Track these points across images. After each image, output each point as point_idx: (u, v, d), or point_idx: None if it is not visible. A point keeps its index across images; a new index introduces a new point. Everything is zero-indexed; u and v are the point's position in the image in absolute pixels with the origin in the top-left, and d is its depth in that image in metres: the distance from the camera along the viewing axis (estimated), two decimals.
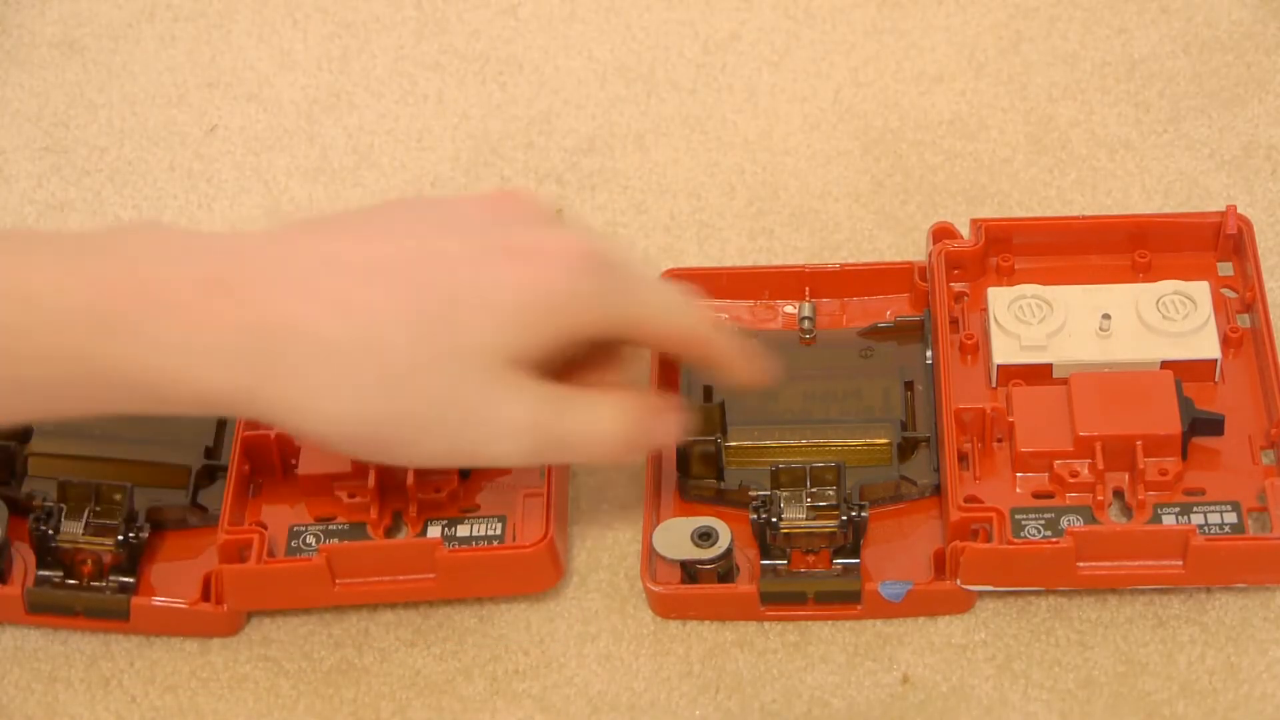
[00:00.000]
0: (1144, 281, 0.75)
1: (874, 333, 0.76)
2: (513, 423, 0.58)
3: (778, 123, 0.86)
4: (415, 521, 0.72)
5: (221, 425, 0.75)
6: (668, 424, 0.63)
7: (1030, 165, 0.84)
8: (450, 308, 0.57)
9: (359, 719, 0.69)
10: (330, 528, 0.72)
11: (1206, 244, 0.76)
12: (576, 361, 0.61)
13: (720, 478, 0.72)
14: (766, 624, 0.70)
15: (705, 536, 0.69)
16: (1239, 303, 0.75)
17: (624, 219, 0.83)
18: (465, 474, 0.73)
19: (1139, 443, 0.69)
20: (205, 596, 0.70)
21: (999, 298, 0.74)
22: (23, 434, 0.73)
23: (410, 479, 0.71)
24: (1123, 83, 0.86)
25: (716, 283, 0.78)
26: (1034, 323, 0.73)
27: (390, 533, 0.72)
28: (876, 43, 0.89)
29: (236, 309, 0.56)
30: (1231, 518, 0.69)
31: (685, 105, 0.87)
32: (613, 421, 0.61)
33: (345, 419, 0.57)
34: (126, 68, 0.91)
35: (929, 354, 0.74)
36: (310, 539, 0.72)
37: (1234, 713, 0.67)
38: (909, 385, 0.74)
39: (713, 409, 0.72)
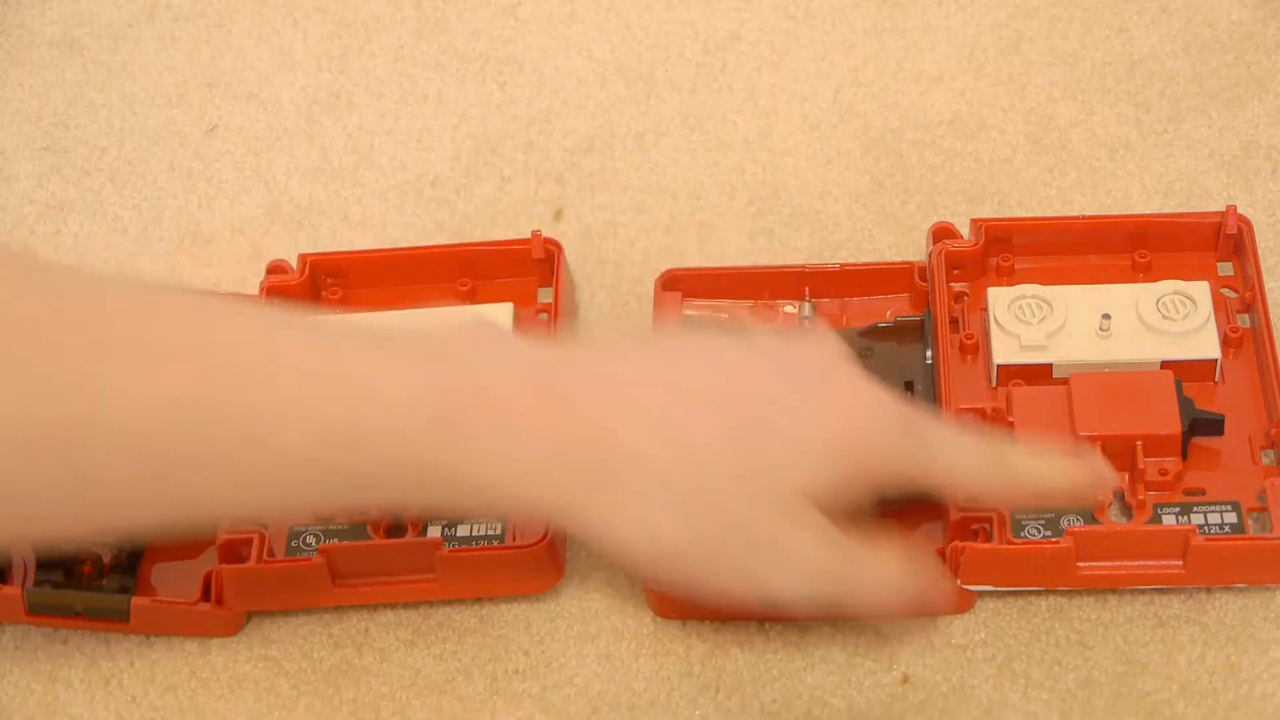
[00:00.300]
0: (1144, 281, 0.75)
1: (874, 333, 0.76)
2: (808, 560, 0.58)
3: (778, 123, 0.86)
4: (415, 521, 0.72)
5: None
6: (945, 593, 0.63)
7: (1030, 165, 0.84)
8: (765, 439, 0.57)
9: (359, 719, 0.69)
10: (330, 528, 0.72)
11: (1206, 244, 0.76)
12: (850, 516, 0.61)
13: None
14: (767, 624, 0.70)
15: None
16: (1239, 302, 0.75)
17: (624, 219, 0.83)
18: None
19: (1139, 443, 0.69)
20: (205, 596, 0.70)
21: (999, 298, 0.74)
22: None
23: None
24: (1123, 83, 0.86)
25: (716, 283, 0.78)
26: (1034, 323, 0.73)
27: (390, 533, 0.72)
28: (876, 43, 0.89)
29: (567, 423, 0.57)
30: (1231, 518, 0.69)
31: (685, 105, 0.87)
32: (902, 578, 0.61)
33: (650, 538, 0.57)
34: (126, 68, 0.91)
35: (929, 354, 0.74)
36: (310, 539, 0.72)
37: (1234, 713, 0.67)
38: (909, 385, 0.74)
39: None
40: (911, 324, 0.75)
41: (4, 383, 0.51)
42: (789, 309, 0.78)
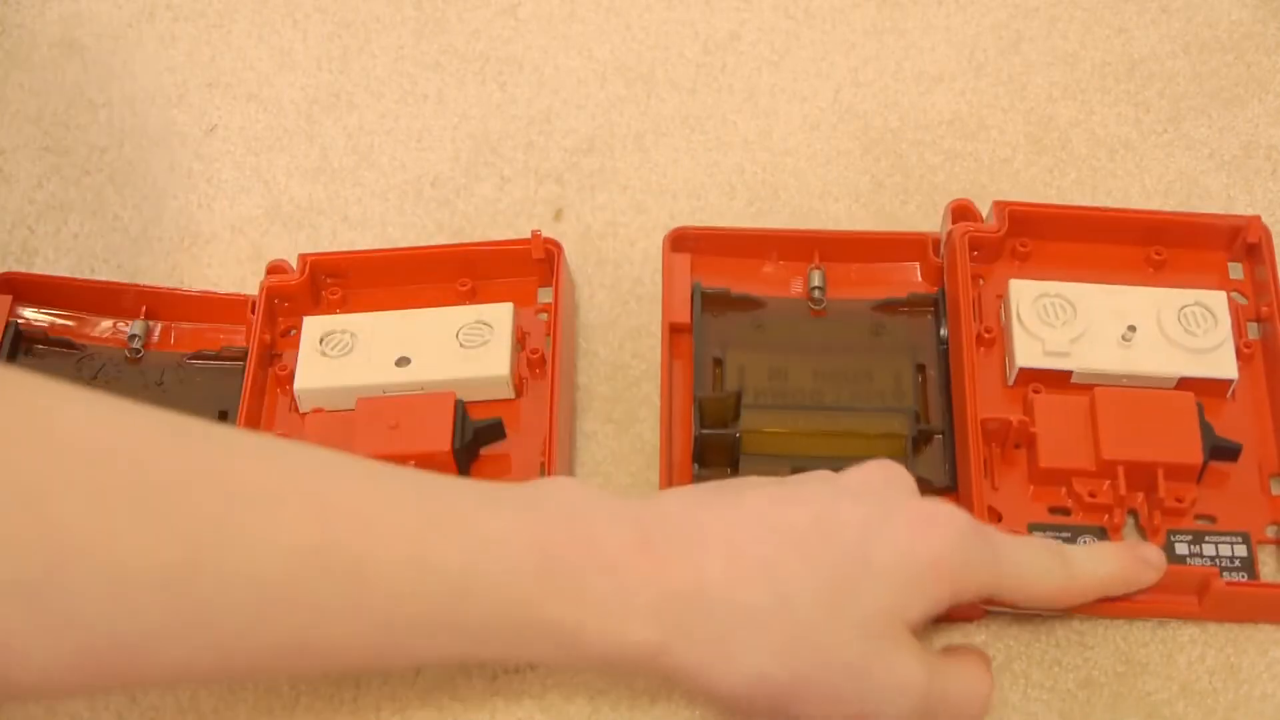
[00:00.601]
0: (1156, 277, 0.75)
1: (885, 307, 0.75)
2: (905, 684, 0.59)
3: (778, 123, 0.86)
4: None
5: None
6: (991, 684, 0.64)
7: (1030, 165, 0.84)
8: (859, 574, 0.59)
9: (359, 719, 0.69)
10: None
11: (1220, 244, 0.76)
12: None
13: (735, 469, 0.71)
14: None
15: None
16: (1250, 309, 0.75)
17: (624, 219, 0.83)
18: (465, 474, 0.73)
19: (1160, 469, 0.69)
20: None
21: (1022, 293, 0.73)
22: None
23: None
24: (1123, 83, 0.86)
25: (725, 243, 0.77)
26: (1057, 325, 0.73)
27: None
28: (876, 43, 0.89)
29: (667, 568, 0.58)
30: (1241, 550, 0.69)
31: (685, 105, 0.87)
32: (985, 682, 0.63)
33: (749, 681, 0.58)
34: (126, 68, 0.91)
35: (942, 332, 0.74)
36: None
37: (1234, 713, 0.67)
38: (920, 369, 0.73)
39: (728, 398, 0.72)
40: (924, 299, 0.75)
41: (145, 529, 0.52)
42: (799, 281, 0.77)
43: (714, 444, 0.71)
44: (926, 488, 0.71)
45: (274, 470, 0.56)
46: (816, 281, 0.76)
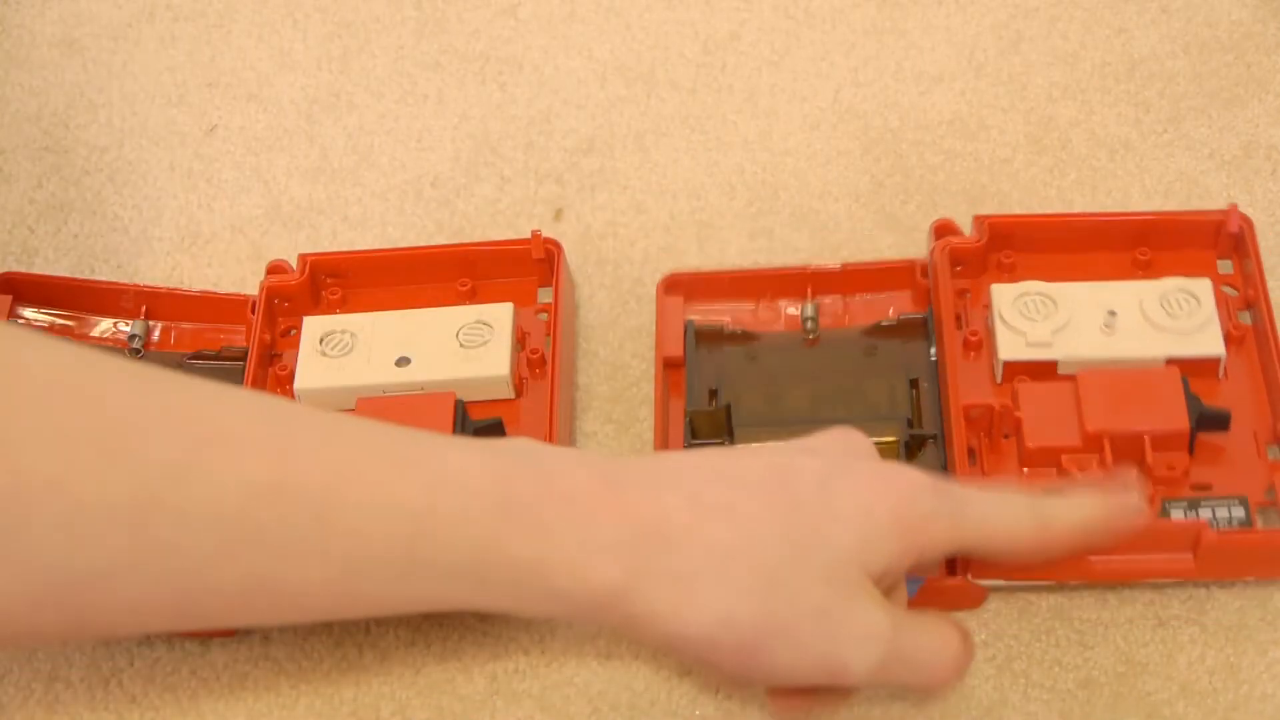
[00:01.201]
0: (1145, 279, 0.75)
1: (877, 331, 0.76)
2: (868, 631, 0.59)
3: (778, 123, 0.86)
4: None
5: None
6: (971, 648, 0.64)
7: (1030, 165, 0.84)
8: (819, 519, 0.59)
9: (359, 719, 0.69)
10: None
11: (1207, 242, 0.76)
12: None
13: None
14: None
15: None
16: (1240, 300, 0.75)
17: (624, 219, 0.83)
18: None
19: (1147, 438, 0.69)
20: None
21: (1003, 294, 0.74)
22: None
23: None
24: (1123, 83, 0.86)
25: (718, 285, 0.78)
26: (1039, 319, 0.73)
27: None
28: (876, 43, 0.89)
29: (627, 505, 0.58)
30: (1240, 512, 0.69)
31: (685, 105, 0.87)
32: (953, 646, 0.63)
33: (716, 623, 0.58)
34: (126, 68, 0.91)
35: (933, 351, 0.74)
36: None
37: (1234, 713, 0.67)
38: (914, 383, 0.74)
39: (719, 412, 0.72)
40: (915, 321, 0.75)
41: (104, 467, 0.52)
42: (791, 310, 0.78)
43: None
44: None
45: (235, 412, 0.55)
46: (809, 313, 0.77)
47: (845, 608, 0.59)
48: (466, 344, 0.75)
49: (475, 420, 0.73)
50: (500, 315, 0.76)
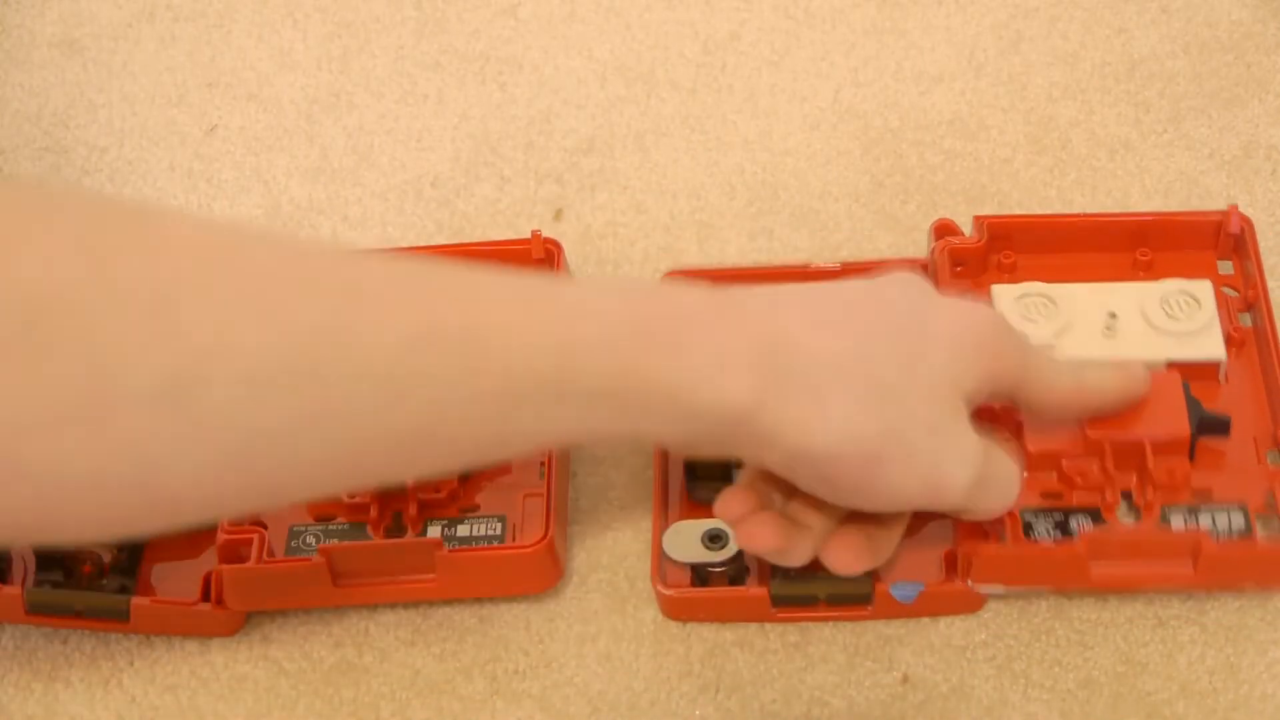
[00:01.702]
0: (1145, 279, 0.75)
1: None
2: (968, 450, 0.63)
3: (778, 123, 0.86)
4: (415, 521, 0.72)
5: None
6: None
7: (1030, 165, 0.84)
8: (919, 338, 0.62)
9: (359, 719, 0.69)
10: (330, 528, 0.72)
11: (1207, 243, 0.76)
12: None
13: (728, 480, 0.72)
14: (767, 625, 0.70)
15: (715, 539, 0.70)
16: (1240, 301, 0.75)
17: (624, 219, 0.83)
18: (465, 473, 0.73)
19: (1148, 444, 0.69)
20: (205, 596, 0.70)
21: (1004, 295, 0.74)
22: None
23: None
24: (1123, 83, 0.86)
25: (718, 282, 0.77)
26: (1040, 321, 0.73)
27: (390, 533, 0.72)
28: (876, 43, 0.89)
29: (750, 324, 0.60)
30: (1239, 520, 0.69)
31: (685, 105, 0.87)
32: (1018, 474, 0.66)
33: (842, 434, 0.60)
34: (126, 68, 0.91)
35: None
36: (310, 539, 0.72)
37: (1234, 713, 0.67)
38: None
39: None
40: None
41: (269, 329, 0.53)
42: None
43: (705, 459, 0.72)
44: None
45: (375, 271, 0.56)
46: None
47: (949, 426, 0.62)
48: None
49: None
50: None
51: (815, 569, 0.70)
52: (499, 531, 0.71)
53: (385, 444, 0.56)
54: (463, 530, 0.72)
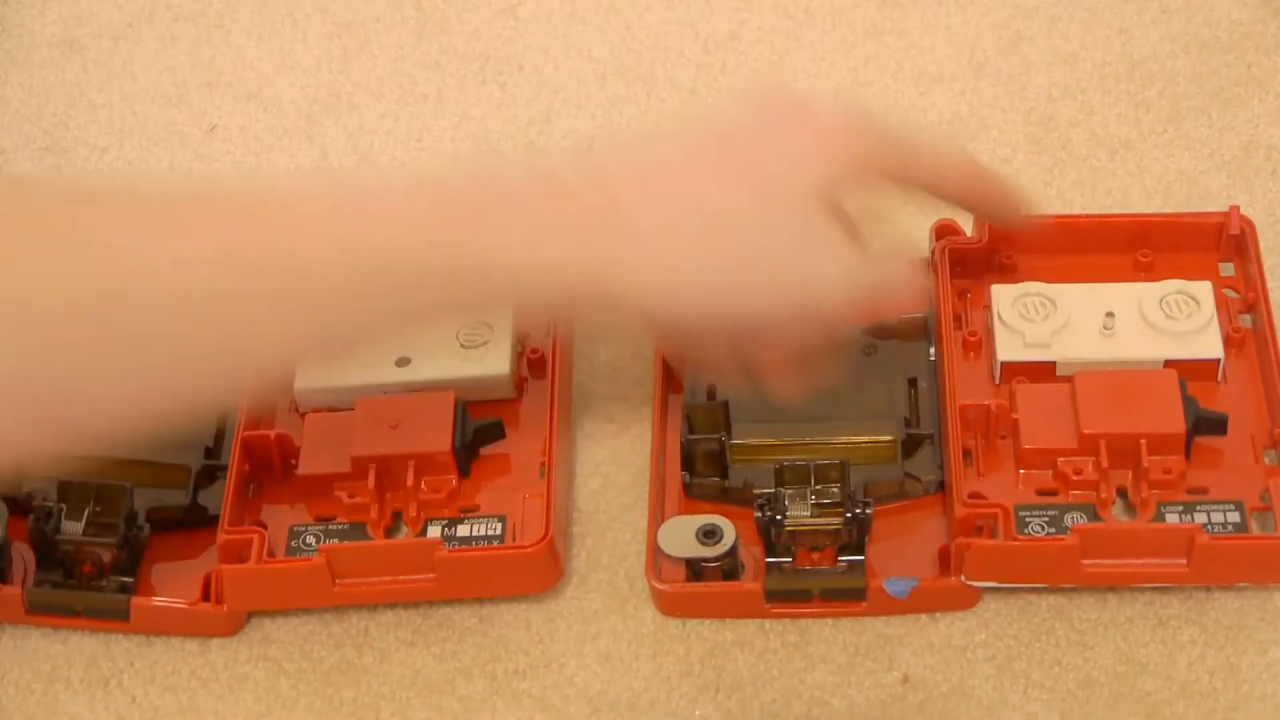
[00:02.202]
0: (1146, 280, 0.75)
1: (877, 330, 0.76)
2: (841, 253, 0.62)
3: None
4: (415, 521, 0.72)
5: (221, 427, 0.75)
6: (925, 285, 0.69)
7: (1030, 165, 0.84)
8: (767, 157, 0.61)
9: (359, 719, 0.69)
10: (330, 528, 0.72)
11: (1208, 244, 0.76)
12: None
13: (725, 476, 0.72)
14: (767, 624, 0.70)
15: (710, 534, 0.70)
16: (1241, 303, 0.75)
17: None
18: (465, 474, 0.73)
19: (1143, 441, 0.69)
20: (205, 596, 0.70)
21: (1003, 295, 0.74)
22: None
23: (410, 479, 0.71)
24: (1123, 83, 0.86)
25: None
26: (1038, 320, 0.73)
27: (390, 533, 0.72)
28: (876, 43, 0.89)
29: (572, 194, 0.60)
30: (1235, 517, 0.69)
31: (685, 105, 0.87)
32: (910, 271, 0.66)
33: (696, 279, 0.60)
34: (126, 68, 0.91)
35: (932, 351, 0.74)
36: (310, 539, 0.72)
37: (1234, 713, 0.67)
38: (912, 383, 0.74)
39: (716, 407, 0.72)
40: (914, 321, 0.75)
41: (38, 256, 0.54)
42: None
43: (702, 451, 0.72)
44: (916, 486, 0.71)
45: (161, 199, 0.57)
46: None
47: (811, 235, 0.61)
48: (467, 344, 0.75)
49: (475, 420, 0.73)
50: (500, 315, 0.76)
51: (808, 563, 0.70)
52: (499, 531, 0.71)
53: (193, 370, 0.56)
54: (463, 530, 0.72)
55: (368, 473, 0.71)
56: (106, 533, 0.71)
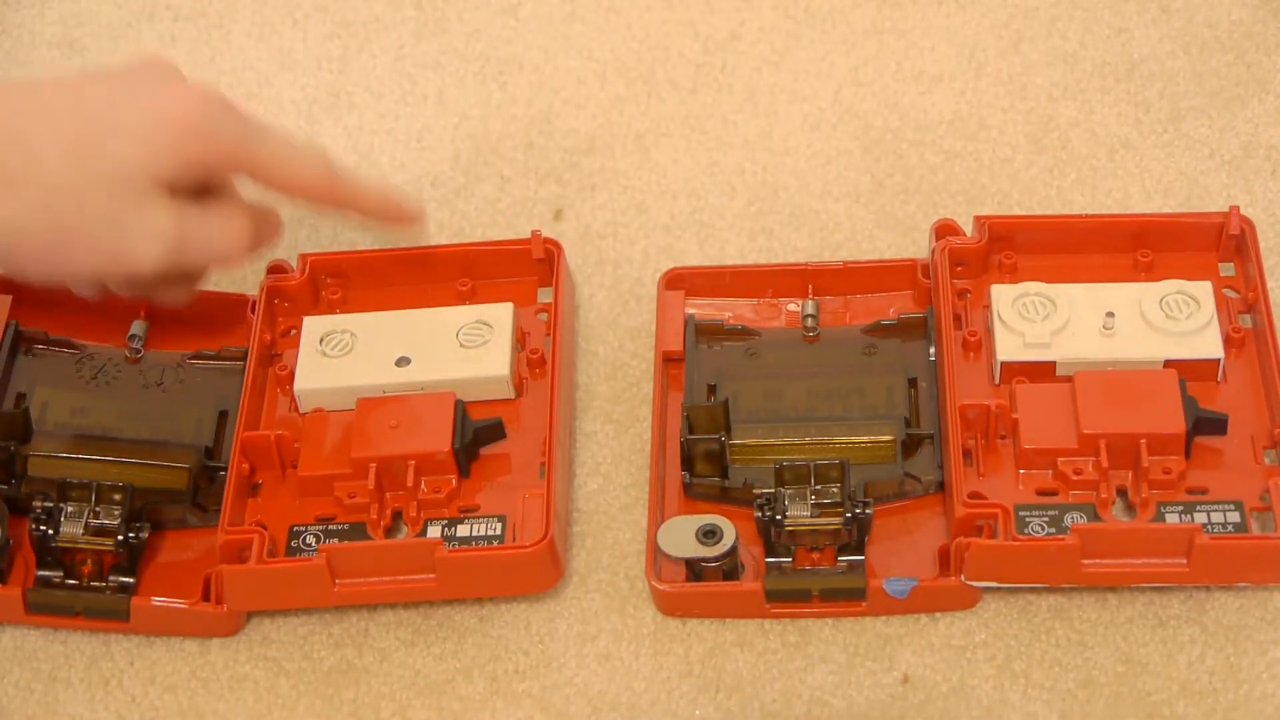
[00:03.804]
0: (1146, 280, 0.75)
1: (877, 330, 0.76)
2: (153, 230, 0.67)
3: (778, 123, 0.86)
4: (415, 521, 0.72)
5: (221, 427, 0.75)
6: (275, 226, 0.73)
7: (1030, 165, 0.84)
8: (105, 134, 0.66)
9: (359, 719, 0.69)
10: (330, 528, 0.72)
11: (1208, 244, 0.76)
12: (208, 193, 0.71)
13: (725, 476, 0.72)
14: (767, 624, 0.70)
15: (710, 534, 0.70)
16: (1241, 303, 0.75)
17: (624, 219, 0.83)
18: (465, 473, 0.73)
19: (1143, 441, 0.69)
20: (205, 597, 0.70)
21: (1003, 295, 0.74)
22: (23, 434, 0.73)
23: (410, 479, 0.71)
24: (1123, 83, 0.86)
25: (720, 281, 0.78)
26: (1038, 320, 0.73)
27: (390, 533, 0.72)
28: (876, 43, 0.89)
29: None
30: (1234, 517, 0.69)
31: (685, 105, 0.87)
32: (240, 225, 0.70)
33: (11, 230, 0.65)
34: None
35: (932, 351, 0.74)
36: (310, 539, 0.72)
37: (1234, 713, 0.67)
38: (912, 382, 0.74)
39: (717, 408, 0.72)
40: (915, 321, 0.75)
41: None
42: (792, 307, 0.78)
43: (702, 451, 0.72)
44: (916, 485, 0.71)
45: None
46: (809, 310, 0.77)
47: (132, 212, 0.66)
48: (466, 344, 0.75)
49: (475, 420, 0.73)
50: (500, 315, 0.76)
51: (808, 563, 0.70)
52: (499, 532, 0.71)
53: None
54: (463, 530, 0.72)
55: (368, 473, 0.71)
56: (106, 533, 0.71)
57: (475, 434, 0.73)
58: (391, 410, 0.72)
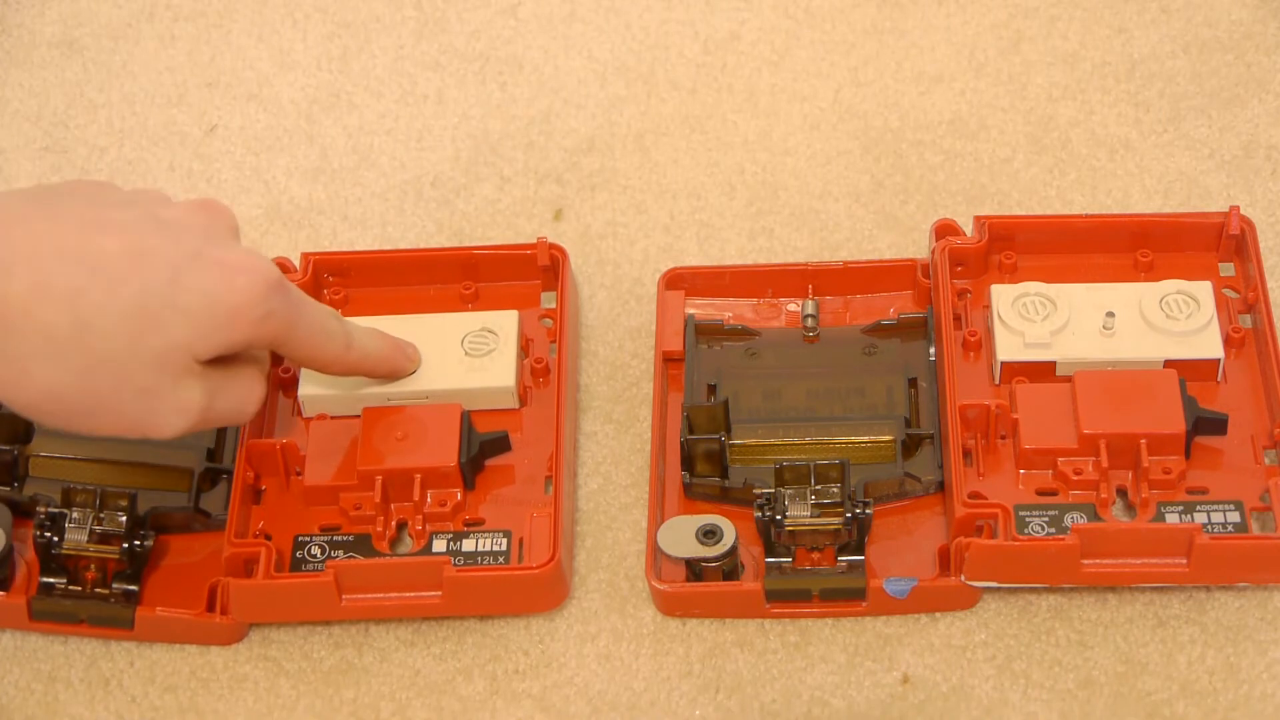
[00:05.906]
0: (1146, 280, 0.75)
1: (877, 330, 0.76)
2: (185, 406, 0.65)
3: (778, 123, 0.86)
4: (420, 534, 0.71)
5: (222, 428, 0.75)
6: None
7: (1030, 165, 0.84)
8: (161, 309, 0.63)
9: (359, 719, 0.69)
10: (335, 539, 0.72)
11: (1208, 244, 0.76)
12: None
13: (725, 476, 0.72)
14: (767, 624, 0.70)
15: (710, 534, 0.70)
16: (1241, 303, 0.75)
17: (624, 219, 0.83)
18: (470, 485, 0.72)
19: (1143, 441, 0.69)
20: (210, 607, 0.70)
21: (1002, 295, 0.74)
22: (25, 436, 0.73)
23: (416, 492, 0.71)
24: (1123, 83, 0.86)
25: (720, 281, 0.78)
26: (1038, 320, 0.73)
27: (394, 544, 0.72)
28: (876, 43, 0.89)
29: None
30: (1235, 517, 0.69)
31: (685, 105, 0.87)
32: (261, 385, 0.69)
33: (44, 394, 0.63)
34: (126, 68, 0.91)
35: (932, 351, 0.74)
36: (315, 550, 0.71)
37: (1234, 713, 0.67)
38: (912, 382, 0.74)
39: (717, 408, 0.72)
40: (915, 321, 0.75)
41: None
42: (792, 307, 0.78)
43: (702, 451, 0.72)
44: (916, 485, 0.71)
45: None
46: (809, 310, 0.77)
47: (167, 388, 0.65)
48: (472, 352, 0.75)
49: (481, 433, 0.73)
50: (505, 323, 0.75)
51: (808, 563, 0.70)
52: (504, 547, 0.71)
53: None
54: (468, 545, 0.71)
55: (374, 485, 0.71)
56: (110, 540, 0.70)
57: (481, 447, 0.72)
58: (398, 422, 0.72)
